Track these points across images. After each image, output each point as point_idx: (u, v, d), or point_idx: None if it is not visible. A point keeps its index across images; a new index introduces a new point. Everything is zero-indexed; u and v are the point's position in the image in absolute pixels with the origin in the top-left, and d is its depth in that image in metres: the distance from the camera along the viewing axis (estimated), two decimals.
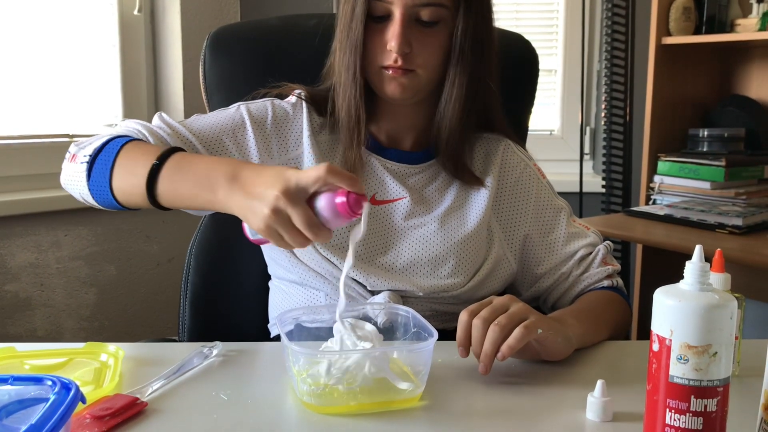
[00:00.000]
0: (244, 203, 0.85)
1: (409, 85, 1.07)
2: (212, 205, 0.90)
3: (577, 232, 1.18)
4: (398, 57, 1.04)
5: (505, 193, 1.17)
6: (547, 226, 1.17)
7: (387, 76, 1.07)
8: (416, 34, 1.05)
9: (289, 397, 0.83)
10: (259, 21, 1.39)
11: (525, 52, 1.35)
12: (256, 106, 1.14)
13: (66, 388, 0.68)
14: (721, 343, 0.65)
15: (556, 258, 1.16)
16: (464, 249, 1.10)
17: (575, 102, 2.59)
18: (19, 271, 1.92)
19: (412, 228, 1.11)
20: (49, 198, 1.95)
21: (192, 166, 0.93)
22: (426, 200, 1.14)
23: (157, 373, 0.87)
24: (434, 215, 1.12)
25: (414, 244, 1.10)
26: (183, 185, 0.92)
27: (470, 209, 1.14)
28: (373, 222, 1.11)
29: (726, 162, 2.00)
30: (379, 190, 1.13)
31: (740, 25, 2.10)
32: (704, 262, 0.66)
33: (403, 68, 1.05)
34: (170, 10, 2.20)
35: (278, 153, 1.12)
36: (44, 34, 2.01)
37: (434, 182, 1.16)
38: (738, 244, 1.77)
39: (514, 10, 2.63)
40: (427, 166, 1.16)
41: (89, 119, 2.14)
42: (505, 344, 0.86)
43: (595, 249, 1.16)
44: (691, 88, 2.24)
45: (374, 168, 1.15)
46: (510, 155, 1.20)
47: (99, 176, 0.99)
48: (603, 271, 1.15)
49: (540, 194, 1.19)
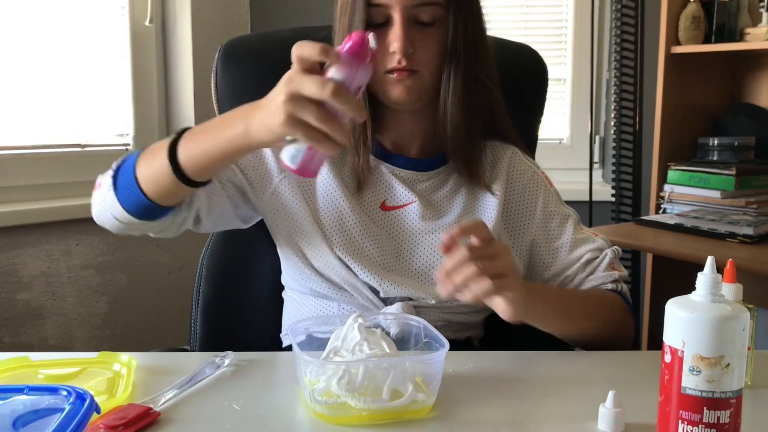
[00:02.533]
0: (262, 115, 0.85)
1: (414, 87, 1.08)
2: (235, 139, 0.89)
3: (585, 237, 1.18)
4: (402, 58, 1.05)
5: (513, 201, 1.17)
6: (554, 233, 1.17)
7: (392, 80, 1.07)
8: (417, 35, 1.06)
9: (301, 407, 0.84)
10: (270, 33, 1.40)
11: (533, 62, 1.36)
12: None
13: (81, 398, 0.69)
14: (733, 355, 0.65)
15: (561, 262, 1.16)
16: None
17: (585, 111, 2.59)
18: (31, 280, 1.94)
19: (425, 233, 1.12)
20: (61, 207, 1.97)
21: (207, 125, 0.94)
22: (435, 206, 1.14)
23: (169, 382, 0.87)
24: (446, 221, 1.13)
25: (427, 249, 1.11)
26: (204, 142, 0.93)
27: (482, 216, 1.14)
28: (385, 228, 1.12)
29: (736, 171, 1.99)
30: (388, 196, 1.14)
31: (750, 33, 2.09)
32: (716, 274, 0.67)
33: (407, 69, 1.06)
34: (181, 21, 2.22)
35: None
36: (56, 44, 2.03)
37: (442, 189, 1.16)
38: (749, 253, 1.76)
39: (523, 20, 2.64)
40: (435, 173, 1.17)
41: (100, 129, 2.15)
42: (471, 293, 0.88)
43: (602, 253, 1.16)
44: (700, 97, 2.24)
45: (382, 174, 1.15)
46: (517, 162, 1.20)
47: (124, 178, 0.99)
48: (608, 275, 1.14)
49: (548, 202, 1.19)
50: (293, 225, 1.12)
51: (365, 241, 1.10)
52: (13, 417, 0.68)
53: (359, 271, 1.08)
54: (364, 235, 1.10)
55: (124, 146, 2.20)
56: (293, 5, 2.41)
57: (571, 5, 2.60)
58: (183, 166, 0.94)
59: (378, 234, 1.11)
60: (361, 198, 1.13)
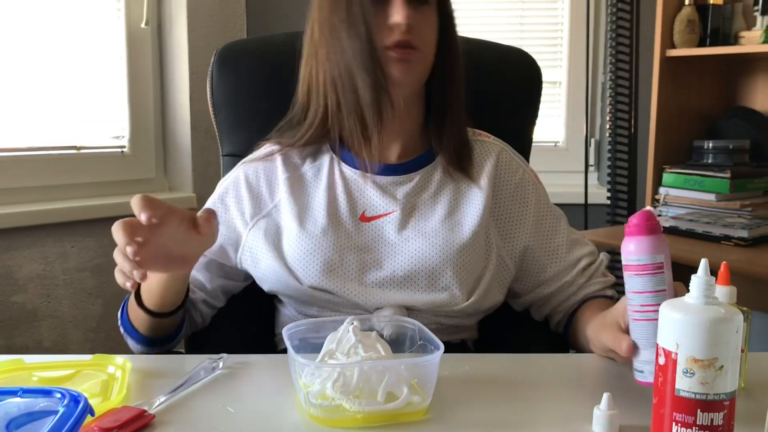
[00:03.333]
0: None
1: (416, 64, 1.07)
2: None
3: (578, 239, 1.18)
4: (405, 32, 1.04)
5: (504, 199, 1.16)
6: (548, 232, 1.16)
7: (393, 58, 1.05)
8: (414, 13, 1.05)
9: (296, 410, 0.84)
10: (266, 37, 1.40)
11: (527, 66, 1.36)
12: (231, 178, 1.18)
13: (75, 401, 0.69)
14: (727, 357, 0.65)
15: (559, 264, 1.15)
16: (462, 258, 1.08)
17: (580, 114, 2.60)
18: (26, 282, 1.93)
19: (406, 241, 1.10)
20: (56, 209, 1.97)
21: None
22: (419, 210, 1.12)
23: (164, 385, 0.87)
24: (429, 225, 1.11)
25: (410, 257, 1.08)
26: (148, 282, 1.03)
27: (466, 215, 1.12)
28: (365, 239, 1.10)
29: (731, 174, 2.00)
30: (367, 207, 1.13)
31: (744, 37, 2.10)
32: (710, 276, 0.67)
33: (409, 45, 1.05)
34: (177, 24, 2.22)
35: (261, 207, 1.14)
36: (52, 46, 2.03)
37: (426, 191, 1.14)
38: (744, 256, 1.76)
39: (519, 23, 2.64)
40: (416, 174, 1.15)
41: (96, 131, 2.16)
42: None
43: (598, 260, 1.17)
44: (695, 100, 2.25)
45: (359, 185, 1.14)
46: (507, 159, 1.18)
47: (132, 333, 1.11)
48: (604, 281, 1.15)
49: (540, 200, 1.18)
50: (266, 275, 1.12)
51: (346, 256, 1.08)
52: (7, 419, 0.68)
53: (341, 292, 1.07)
54: (344, 249, 1.08)
55: (119, 148, 2.20)
56: (289, 9, 2.41)
57: (566, 8, 2.61)
58: (145, 302, 1.05)
59: (359, 245, 1.10)
60: (338, 211, 1.11)
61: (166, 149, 2.30)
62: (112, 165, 2.17)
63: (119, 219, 0.88)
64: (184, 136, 2.26)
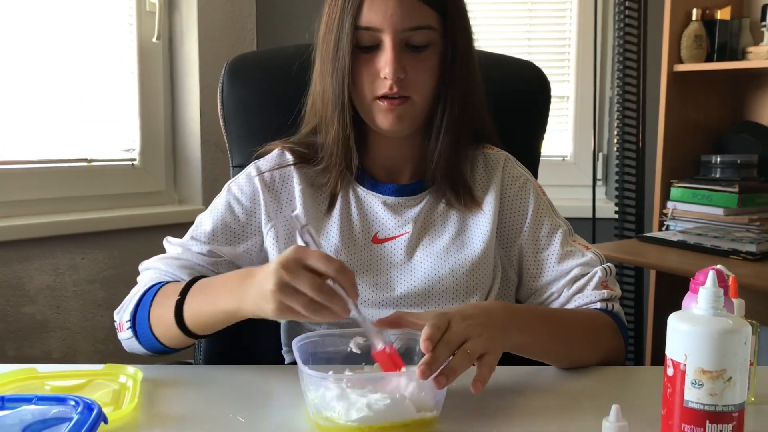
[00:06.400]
0: (255, 295, 0.87)
1: (406, 115, 1.05)
2: (230, 312, 0.94)
3: (573, 251, 1.13)
4: (394, 84, 1.02)
5: (506, 209, 1.15)
6: (542, 242, 1.14)
7: (382, 108, 1.04)
8: (408, 59, 1.02)
9: (305, 421, 0.84)
10: (276, 49, 1.41)
11: (537, 79, 1.37)
12: (241, 181, 1.16)
13: (89, 408, 0.69)
14: (735, 368, 0.65)
15: (548, 275, 1.13)
16: (474, 275, 1.09)
17: (588, 128, 2.60)
18: (37, 293, 1.94)
19: (419, 262, 1.10)
20: (67, 221, 1.98)
21: (209, 288, 0.99)
22: (430, 230, 1.12)
23: (175, 394, 0.88)
24: (439, 245, 1.11)
25: (422, 278, 1.09)
26: (203, 306, 0.97)
27: (475, 233, 1.12)
28: (377, 262, 1.11)
29: (739, 188, 2.00)
30: (379, 229, 1.13)
31: (752, 52, 2.11)
32: (718, 288, 0.67)
33: (399, 95, 1.03)
34: (188, 38, 2.24)
35: (275, 214, 1.13)
36: (64, 60, 2.05)
37: (435, 210, 1.14)
38: (752, 270, 1.76)
39: (527, 38, 2.66)
40: (426, 194, 1.14)
41: (107, 144, 2.17)
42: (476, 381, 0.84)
43: (592, 270, 1.11)
44: (703, 115, 2.25)
45: (372, 205, 1.14)
46: (510, 169, 1.17)
47: (145, 337, 1.06)
48: (598, 293, 1.08)
49: (538, 209, 1.15)
50: None
51: (358, 278, 1.05)
52: (22, 426, 0.68)
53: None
54: (356, 271, 1.07)
55: (130, 161, 2.22)
56: (299, 22, 2.42)
57: (574, 23, 2.62)
58: (189, 326, 0.99)
59: (371, 267, 1.10)
60: (353, 233, 1.12)
61: (176, 162, 2.32)
62: (122, 178, 2.19)
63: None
64: (194, 149, 2.28)
